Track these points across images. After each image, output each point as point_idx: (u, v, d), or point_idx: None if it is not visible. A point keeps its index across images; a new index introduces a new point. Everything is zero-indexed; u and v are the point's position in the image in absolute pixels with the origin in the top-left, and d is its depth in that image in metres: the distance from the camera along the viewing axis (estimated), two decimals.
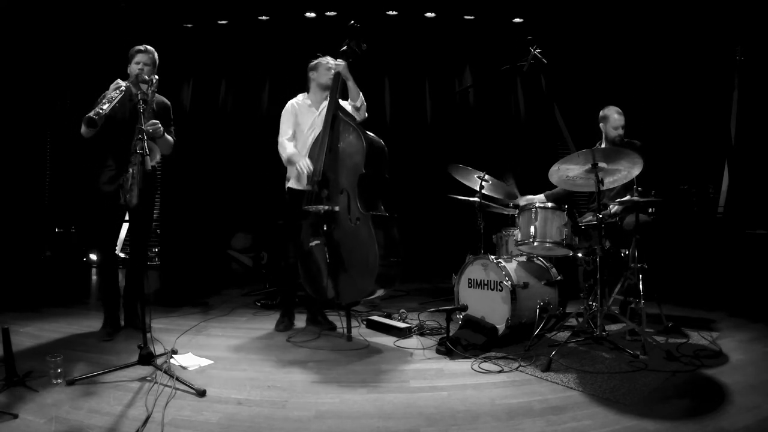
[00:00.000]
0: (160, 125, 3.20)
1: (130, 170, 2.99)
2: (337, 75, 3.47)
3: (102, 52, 5.80)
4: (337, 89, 3.47)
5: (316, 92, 3.67)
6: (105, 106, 2.93)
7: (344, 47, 3.50)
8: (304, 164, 3.39)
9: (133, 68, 3.32)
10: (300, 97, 3.71)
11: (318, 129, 3.54)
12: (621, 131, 3.88)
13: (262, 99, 6.40)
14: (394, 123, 6.47)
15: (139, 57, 3.33)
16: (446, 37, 6.36)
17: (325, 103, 3.54)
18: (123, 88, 3.15)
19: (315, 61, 3.66)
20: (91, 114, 2.86)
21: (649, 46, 5.66)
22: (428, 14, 6.17)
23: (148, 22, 5.89)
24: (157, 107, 3.33)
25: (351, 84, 3.50)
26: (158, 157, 3.31)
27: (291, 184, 3.64)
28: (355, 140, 3.31)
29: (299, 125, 3.62)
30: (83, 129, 3.06)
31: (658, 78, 5.65)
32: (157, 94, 3.36)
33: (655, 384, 2.51)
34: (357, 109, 3.58)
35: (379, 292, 3.34)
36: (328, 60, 3.62)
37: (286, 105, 3.66)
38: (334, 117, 3.42)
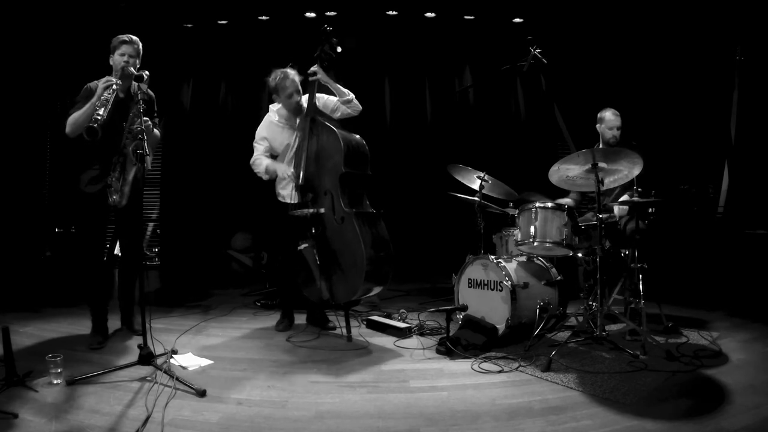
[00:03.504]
0: (150, 123, 3.06)
1: (118, 170, 2.93)
2: (313, 82, 3.43)
3: (102, 52, 5.79)
4: (314, 93, 3.46)
5: (286, 111, 3.59)
6: (101, 111, 2.82)
7: (317, 52, 3.47)
8: (284, 169, 3.40)
9: (117, 60, 3.09)
10: (273, 116, 3.61)
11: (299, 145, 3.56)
12: (616, 132, 3.86)
13: (262, 99, 6.38)
14: (394, 123, 6.46)
15: (123, 48, 3.09)
16: (446, 37, 6.35)
17: (301, 117, 3.57)
18: (115, 87, 2.97)
19: (272, 84, 3.48)
20: (93, 124, 2.76)
21: (650, 46, 5.65)
22: (428, 14, 6.15)
23: (148, 22, 5.88)
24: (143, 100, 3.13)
25: (333, 85, 3.48)
26: (150, 159, 3.18)
27: (280, 197, 3.64)
28: (332, 140, 3.32)
29: (280, 143, 3.57)
30: (68, 129, 2.97)
31: (659, 78, 5.65)
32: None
33: (655, 384, 2.51)
34: (348, 102, 3.51)
35: (376, 290, 3.35)
36: (287, 82, 3.43)
37: (262, 123, 3.62)
38: (313, 120, 3.43)
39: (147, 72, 2.98)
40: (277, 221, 3.66)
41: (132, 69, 3.03)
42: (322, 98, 3.59)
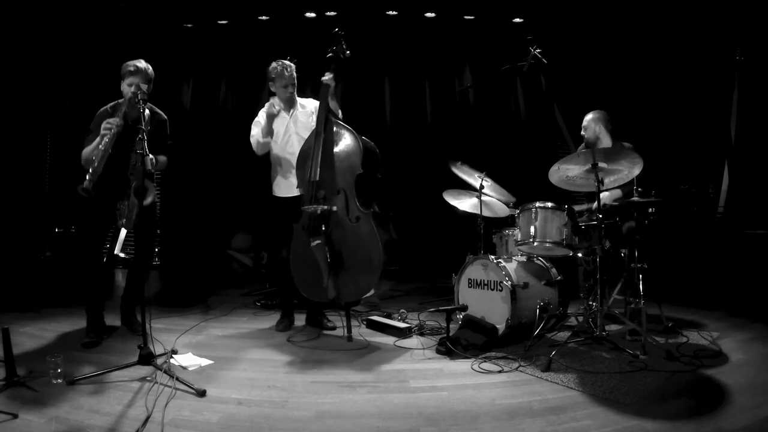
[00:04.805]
0: (152, 159, 3.03)
1: (127, 201, 2.97)
2: (326, 87, 3.50)
3: (102, 52, 5.80)
4: (327, 93, 3.50)
5: (281, 101, 3.69)
6: (96, 164, 2.86)
7: (329, 53, 3.55)
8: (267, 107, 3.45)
9: (126, 89, 3.16)
10: (276, 101, 3.69)
11: (293, 134, 3.64)
12: (582, 132, 3.94)
13: (262, 99, 6.38)
14: (394, 123, 6.46)
15: (130, 79, 3.14)
16: (446, 37, 6.36)
17: (296, 111, 3.68)
18: (114, 131, 2.98)
19: (273, 73, 3.60)
20: (85, 185, 2.80)
21: (650, 46, 5.66)
22: (428, 14, 6.16)
23: (148, 22, 5.89)
24: (153, 124, 3.19)
25: (333, 102, 3.55)
26: (152, 198, 3.14)
27: (276, 192, 3.67)
28: (351, 141, 3.38)
29: (274, 131, 3.63)
30: (81, 161, 3.05)
31: (659, 78, 5.66)
32: (154, 108, 3.32)
33: (655, 384, 2.51)
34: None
35: (373, 290, 3.36)
36: (285, 73, 3.58)
37: (266, 105, 3.65)
38: (327, 119, 3.48)
39: (148, 111, 3.00)
40: (275, 217, 3.68)
41: (139, 96, 3.00)
42: (312, 103, 3.70)
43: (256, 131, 3.62)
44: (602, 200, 3.67)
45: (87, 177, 2.85)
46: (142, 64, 3.20)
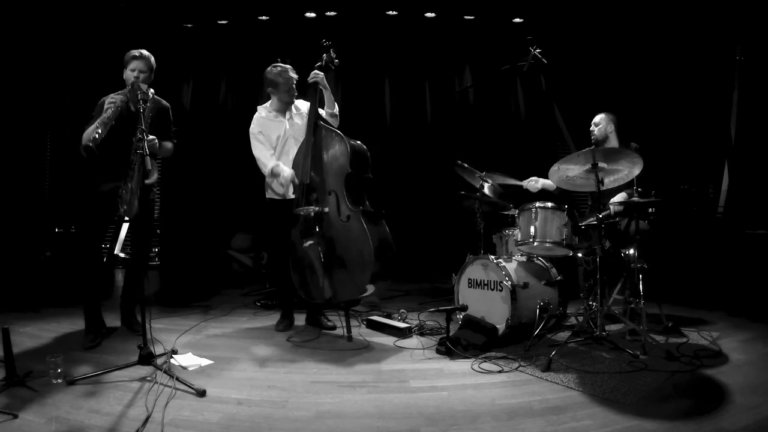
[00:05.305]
0: (156, 141, 3.10)
1: (129, 185, 2.97)
2: (315, 84, 3.55)
3: (102, 52, 5.79)
4: (316, 98, 3.55)
5: (279, 104, 3.70)
6: (101, 130, 2.87)
7: (319, 63, 3.61)
8: (289, 175, 3.47)
9: (128, 75, 3.17)
10: (262, 111, 3.72)
11: (291, 138, 3.67)
12: (593, 127, 3.99)
13: (262, 99, 6.36)
14: (394, 123, 6.46)
15: (134, 64, 3.17)
16: (446, 37, 6.35)
17: (292, 114, 3.70)
18: (118, 104, 3.03)
19: (272, 78, 3.61)
20: (89, 143, 2.82)
21: (650, 46, 5.65)
22: (428, 14, 6.16)
23: (148, 22, 5.88)
24: (156, 112, 3.22)
25: (327, 93, 3.59)
26: (155, 177, 3.12)
27: (271, 194, 3.70)
28: (339, 144, 3.42)
29: (270, 138, 3.65)
30: (82, 144, 3.03)
31: (659, 78, 5.65)
32: (156, 97, 3.31)
33: (655, 384, 2.52)
34: (335, 116, 3.68)
35: (371, 288, 3.36)
36: (289, 77, 3.61)
37: (252, 125, 3.68)
38: (316, 125, 3.52)
39: (152, 90, 3.07)
40: (273, 218, 3.69)
41: (141, 84, 3.05)
42: (306, 105, 3.70)
43: (265, 164, 3.59)
44: (612, 205, 3.67)
45: (92, 137, 2.84)
46: (145, 52, 3.24)
